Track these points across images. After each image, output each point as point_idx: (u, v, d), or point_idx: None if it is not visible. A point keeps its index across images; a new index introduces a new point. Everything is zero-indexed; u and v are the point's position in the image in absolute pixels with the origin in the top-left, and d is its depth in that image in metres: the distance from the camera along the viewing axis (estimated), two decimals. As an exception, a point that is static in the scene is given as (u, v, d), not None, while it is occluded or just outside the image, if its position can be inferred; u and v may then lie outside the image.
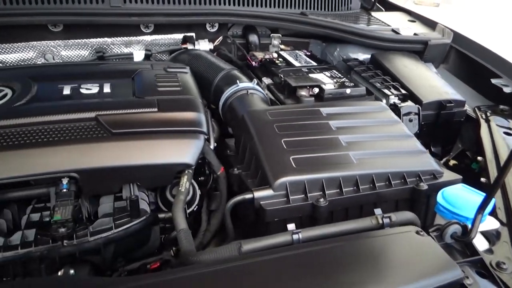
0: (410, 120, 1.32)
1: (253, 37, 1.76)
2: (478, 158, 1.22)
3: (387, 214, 0.86)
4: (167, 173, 0.98)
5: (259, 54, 1.63)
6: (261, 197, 0.91)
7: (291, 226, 0.86)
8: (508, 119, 1.38)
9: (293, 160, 0.96)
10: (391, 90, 1.40)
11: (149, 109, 1.04)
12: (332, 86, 1.34)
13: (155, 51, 1.66)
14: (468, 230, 0.83)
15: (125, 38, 1.64)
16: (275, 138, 1.03)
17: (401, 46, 1.70)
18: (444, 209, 0.89)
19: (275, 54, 1.66)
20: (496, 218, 0.95)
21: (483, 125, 1.33)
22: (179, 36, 1.70)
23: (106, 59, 1.59)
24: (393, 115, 1.20)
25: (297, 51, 1.72)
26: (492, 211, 0.94)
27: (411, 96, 1.39)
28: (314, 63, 1.58)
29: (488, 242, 0.89)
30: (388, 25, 1.88)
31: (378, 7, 2.14)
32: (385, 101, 1.37)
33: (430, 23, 1.94)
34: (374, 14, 2.04)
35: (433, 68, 1.72)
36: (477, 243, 0.85)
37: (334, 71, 1.48)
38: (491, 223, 0.92)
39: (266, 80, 1.47)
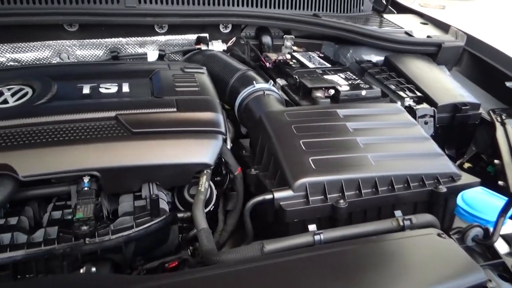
0: (426, 123, 1.32)
1: (266, 38, 1.77)
2: (495, 161, 1.22)
3: (407, 216, 0.86)
4: (186, 173, 0.99)
5: (272, 55, 1.64)
6: (281, 198, 0.91)
7: (313, 227, 0.87)
8: (524, 123, 1.37)
9: (312, 161, 0.97)
10: (406, 92, 1.40)
11: (168, 109, 1.05)
12: (347, 87, 1.34)
13: (169, 52, 1.67)
14: (489, 233, 0.82)
15: (139, 38, 1.65)
16: (293, 139, 1.03)
17: (415, 49, 1.70)
18: (465, 212, 0.89)
19: (288, 56, 1.66)
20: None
21: (499, 128, 1.32)
22: (193, 37, 1.71)
23: (120, 59, 1.60)
24: (410, 117, 1.20)
25: (310, 52, 1.73)
26: (512, 215, 0.93)
27: (426, 98, 1.39)
28: (328, 65, 1.58)
29: (509, 245, 0.88)
30: (400, 27, 1.88)
31: (390, 9, 2.14)
32: (400, 103, 1.37)
33: (442, 25, 1.94)
34: (386, 16, 2.04)
35: (446, 70, 1.71)
36: (497, 246, 0.85)
37: (349, 72, 1.48)
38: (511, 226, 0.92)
39: (280, 81, 1.47)
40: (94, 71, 1.25)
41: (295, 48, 1.79)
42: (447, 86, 1.49)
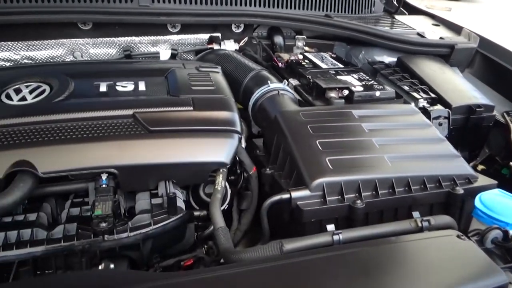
0: (440, 124, 1.31)
1: (278, 39, 1.77)
2: (510, 163, 1.21)
3: (426, 218, 0.86)
4: (203, 172, 0.99)
5: (284, 55, 1.64)
6: (298, 197, 0.91)
7: (331, 227, 0.87)
8: (539, 125, 1.36)
9: (329, 161, 0.97)
10: (420, 93, 1.40)
11: (184, 107, 1.05)
12: (361, 88, 1.33)
13: (181, 51, 1.68)
14: (509, 235, 0.82)
15: (152, 37, 1.66)
16: (309, 139, 1.03)
17: (427, 50, 1.70)
18: (483, 214, 0.89)
19: (301, 56, 1.66)
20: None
21: (514, 131, 1.32)
22: (205, 36, 1.72)
23: (133, 58, 1.60)
24: (425, 118, 1.20)
25: (322, 53, 1.72)
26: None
27: (440, 100, 1.39)
28: (341, 65, 1.58)
29: (527, 248, 0.88)
30: (412, 28, 1.87)
31: (401, 11, 2.14)
32: (413, 104, 1.36)
33: (454, 27, 1.93)
34: (397, 18, 2.03)
35: (459, 72, 1.71)
36: (516, 248, 0.84)
37: (362, 73, 1.48)
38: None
39: (293, 81, 1.47)
40: (110, 69, 1.25)
41: (306, 48, 1.79)
42: (461, 87, 1.49)
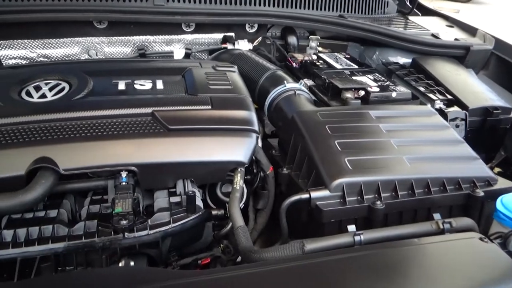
0: (457, 126, 1.30)
1: (292, 39, 1.77)
2: (528, 167, 1.20)
3: (447, 220, 0.86)
4: (221, 171, 0.99)
5: (298, 56, 1.64)
6: (318, 198, 0.91)
7: (352, 228, 0.86)
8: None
9: (348, 162, 0.96)
10: (437, 94, 1.39)
11: (203, 106, 1.05)
12: (377, 89, 1.33)
13: (195, 50, 1.68)
14: (532, 238, 0.81)
15: (166, 36, 1.67)
16: (328, 139, 1.03)
17: (442, 51, 1.68)
18: (505, 217, 0.88)
19: (315, 56, 1.66)
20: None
21: (531, 133, 1.30)
22: (219, 36, 1.72)
23: (147, 57, 1.61)
24: (442, 120, 1.19)
25: (336, 53, 1.72)
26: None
27: (457, 101, 1.38)
28: (355, 66, 1.57)
29: (549, 251, 0.87)
30: (427, 29, 1.86)
31: (414, 12, 2.13)
32: (429, 105, 1.35)
33: (469, 28, 1.91)
34: (411, 18, 2.02)
35: (474, 74, 1.69)
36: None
37: (377, 74, 1.47)
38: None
39: (308, 82, 1.47)
40: (127, 67, 1.26)
41: (320, 49, 1.78)
42: (477, 89, 1.47)
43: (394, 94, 1.32)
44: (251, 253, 0.79)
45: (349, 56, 1.70)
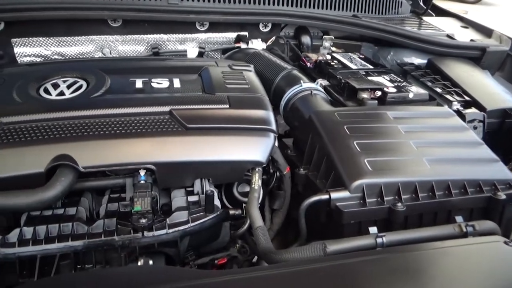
0: (475, 128, 1.29)
1: (306, 38, 1.76)
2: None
3: (470, 223, 0.84)
4: (239, 170, 0.99)
5: (313, 55, 1.63)
6: (337, 199, 0.90)
7: (373, 230, 0.85)
8: None
9: (367, 163, 0.95)
10: (454, 96, 1.37)
11: (221, 105, 1.05)
12: (394, 89, 1.31)
13: (208, 49, 1.68)
14: (558, 243, 0.79)
15: (180, 35, 1.66)
16: (347, 140, 1.02)
17: (458, 52, 1.67)
18: (528, 220, 0.86)
19: (329, 56, 1.64)
20: None
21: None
22: (232, 35, 1.71)
23: (161, 55, 1.61)
24: (461, 121, 1.18)
25: (350, 53, 1.70)
26: None
27: (474, 103, 1.36)
28: (370, 66, 1.56)
29: None
30: (442, 30, 1.84)
31: (428, 12, 2.11)
32: (446, 107, 1.34)
33: (484, 29, 1.89)
34: (425, 19, 2.01)
35: (490, 75, 1.67)
36: None
37: (392, 74, 1.46)
38: None
39: (322, 81, 1.46)
40: (144, 65, 1.25)
41: (333, 49, 1.77)
42: (494, 91, 1.46)
43: (411, 95, 1.30)
44: (272, 254, 0.78)
45: (363, 56, 1.68)
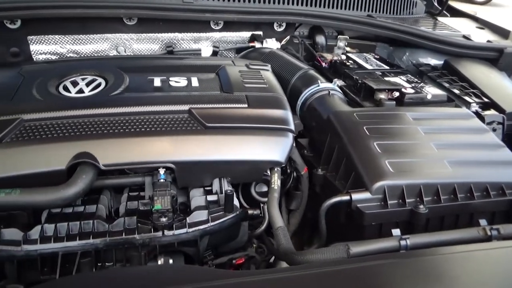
0: (494, 130, 1.27)
1: (320, 38, 1.75)
2: None
3: (495, 226, 0.83)
4: (258, 170, 0.98)
5: (328, 55, 1.62)
6: (358, 200, 0.89)
7: (397, 232, 0.84)
8: None
9: (388, 164, 0.94)
10: (472, 97, 1.35)
11: (239, 104, 1.04)
12: (412, 90, 1.30)
13: (222, 48, 1.68)
14: None
15: (194, 34, 1.66)
16: (366, 140, 1.01)
17: (475, 53, 1.64)
18: (553, 225, 0.85)
19: (343, 56, 1.63)
20: None
21: None
22: (247, 34, 1.71)
23: (175, 54, 1.61)
24: (481, 123, 1.16)
25: (365, 54, 1.69)
26: None
27: (493, 104, 1.34)
28: (386, 67, 1.54)
29: None
30: (457, 31, 1.82)
31: (443, 12, 2.09)
32: (465, 108, 1.32)
33: (500, 30, 1.87)
34: (440, 19, 1.99)
35: (507, 76, 1.65)
36: None
37: (409, 75, 1.44)
38: None
39: (338, 82, 1.45)
40: (161, 64, 1.25)
41: (348, 49, 1.75)
42: (513, 92, 1.44)
43: (429, 96, 1.29)
44: (294, 255, 0.77)
45: (378, 57, 1.67)
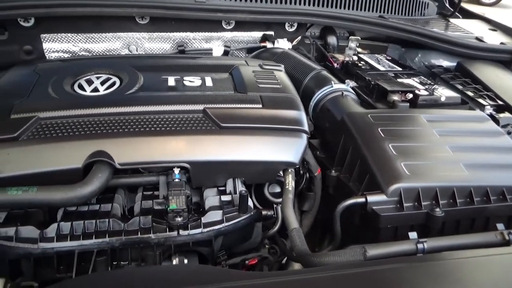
0: (509, 133, 1.25)
1: (332, 39, 1.74)
2: None
3: (513, 230, 0.82)
4: (272, 171, 0.98)
5: (339, 56, 1.61)
6: (374, 202, 0.88)
7: (413, 235, 0.83)
8: None
9: (404, 166, 0.93)
10: (486, 100, 1.34)
11: (254, 105, 1.04)
12: (425, 92, 1.29)
13: (233, 48, 1.67)
14: None
15: (206, 33, 1.66)
16: (381, 142, 1.00)
17: (488, 55, 1.63)
18: None
19: (355, 57, 1.63)
20: None
21: None
22: (258, 34, 1.71)
23: (186, 54, 1.61)
24: (496, 126, 1.15)
25: (376, 55, 1.68)
26: None
27: (507, 107, 1.33)
28: (398, 68, 1.53)
29: None
30: (470, 32, 1.81)
31: (455, 14, 2.07)
32: (479, 110, 1.31)
33: (512, 32, 1.86)
34: (452, 21, 1.97)
35: (520, 79, 1.64)
36: None
37: (422, 77, 1.43)
38: None
39: (350, 83, 1.44)
40: (174, 63, 1.25)
41: (359, 50, 1.75)
42: (527, 95, 1.42)
43: (443, 98, 1.28)
44: (310, 257, 0.77)
45: (390, 58, 1.66)
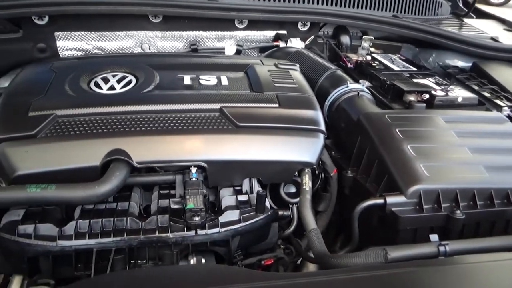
0: (527, 134, 1.23)
1: (345, 38, 1.73)
2: None
3: (537, 234, 0.81)
4: (289, 171, 0.97)
5: (353, 56, 1.60)
6: (393, 204, 0.87)
7: (434, 237, 0.82)
8: None
9: (423, 168, 0.92)
10: (504, 101, 1.32)
11: (270, 104, 1.03)
12: (442, 93, 1.28)
13: (246, 47, 1.67)
14: None
15: (219, 32, 1.66)
16: (399, 143, 0.99)
17: (504, 56, 1.61)
18: None
19: (369, 57, 1.61)
20: None
21: None
22: (271, 33, 1.70)
23: (199, 52, 1.61)
24: (516, 128, 1.13)
25: (390, 55, 1.67)
26: None
27: (525, 108, 1.31)
28: (413, 68, 1.52)
29: None
30: (485, 32, 1.79)
31: (469, 14, 2.05)
32: (496, 111, 1.29)
33: (529, 33, 1.83)
34: (466, 21, 1.95)
35: (536, 81, 1.61)
36: None
37: (438, 77, 1.42)
38: None
39: (365, 83, 1.43)
40: (189, 62, 1.25)
41: (372, 49, 1.73)
42: (545, 97, 1.40)
43: (460, 99, 1.26)
44: (329, 258, 0.76)
45: (404, 58, 1.65)
